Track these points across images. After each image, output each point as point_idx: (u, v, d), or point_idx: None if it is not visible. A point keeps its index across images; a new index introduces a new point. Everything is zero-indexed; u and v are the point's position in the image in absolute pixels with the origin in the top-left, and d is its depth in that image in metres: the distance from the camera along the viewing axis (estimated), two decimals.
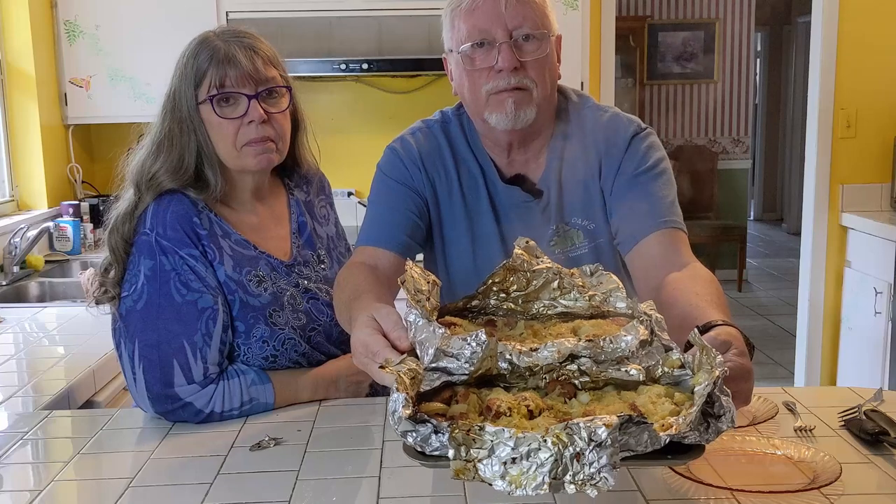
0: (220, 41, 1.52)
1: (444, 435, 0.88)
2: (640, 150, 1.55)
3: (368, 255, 1.52)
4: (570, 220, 1.57)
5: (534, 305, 1.20)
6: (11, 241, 3.02)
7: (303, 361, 1.58)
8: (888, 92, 3.76)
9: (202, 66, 1.50)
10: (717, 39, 7.33)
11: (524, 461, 0.85)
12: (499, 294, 1.21)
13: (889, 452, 1.28)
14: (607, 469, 0.86)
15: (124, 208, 1.52)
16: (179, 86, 1.52)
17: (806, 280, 3.96)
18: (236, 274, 1.52)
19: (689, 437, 0.90)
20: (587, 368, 1.02)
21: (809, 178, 3.90)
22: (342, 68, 3.51)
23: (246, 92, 1.50)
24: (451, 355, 0.98)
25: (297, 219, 1.67)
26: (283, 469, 1.28)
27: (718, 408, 0.92)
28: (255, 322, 1.52)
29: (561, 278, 1.19)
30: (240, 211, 1.59)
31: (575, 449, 0.85)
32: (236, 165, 1.55)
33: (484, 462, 0.86)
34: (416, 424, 0.90)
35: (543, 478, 0.85)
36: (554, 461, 0.85)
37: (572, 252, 1.57)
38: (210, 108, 1.50)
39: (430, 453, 0.90)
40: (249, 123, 1.51)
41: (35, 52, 3.36)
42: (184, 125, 1.51)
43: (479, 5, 1.46)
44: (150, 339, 1.46)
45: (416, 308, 1.02)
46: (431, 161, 1.59)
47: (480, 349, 0.97)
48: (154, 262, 1.47)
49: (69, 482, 1.29)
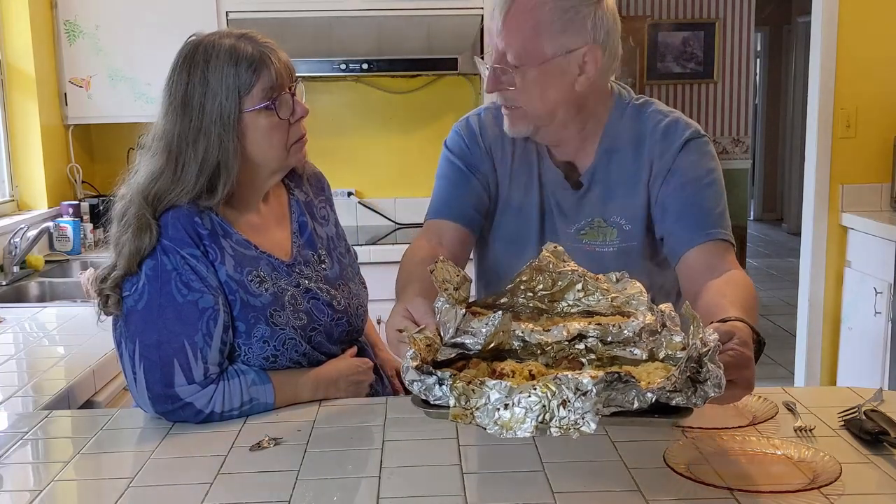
0: (249, 46, 1.49)
1: (446, 385, 0.97)
2: (693, 157, 1.57)
3: (433, 229, 1.62)
4: (610, 217, 1.60)
5: (559, 305, 1.25)
6: (11, 241, 3.02)
7: (303, 361, 1.58)
8: (888, 92, 3.75)
9: (246, 77, 1.47)
10: (717, 39, 7.33)
11: (516, 407, 0.95)
12: (526, 293, 1.26)
13: (889, 452, 1.28)
14: (590, 416, 0.94)
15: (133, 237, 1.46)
16: (212, 97, 1.47)
17: (806, 280, 3.96)
18: (237, 274, 1.52)
19: (674, 398, 0.96)
20: (593, 346, 1.10)
21: (809, 178, 3.90)
22: (342, 68, 3.51)
23: (290, 91, 1.53)
24: (468, 332, 1.06)
25: (298, 219, 1.67)
26: (283, 469, 1.28)
27: (706, 373, 0.97)
28: (255, 322, 1.52)
29: (585, 281, 1.25)
30: (241, 211, 1.59)
31: (562, 397, 0.94)
32: (282, 165, 1.57)
33: (480, 409, 0.96)
34: (422, 374, 0.99)
35: (531, 422, 0.94)
36: (542, 407, 0.94)
37: (600, 247, 1.60)
38: (265, 115, 1.50)
39: (434, 402, 0.99)
40: (297, 121, 1.54)
41: (35, 52, 3.36)
42: (221, 137, 1.47)
43: (490, 18, 1.54)
44: (151, 338, 1.46)
45: (444, 295, 1.11)
46: (492, 137, 1.66)
47: (494, 325, 1.05)
48: (155, 261, 1.47)
49: (69, 482, 1.29)
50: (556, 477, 1.22)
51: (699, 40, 7.33)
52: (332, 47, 3.59)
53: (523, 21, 1.48)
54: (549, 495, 1.17)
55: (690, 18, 7.34)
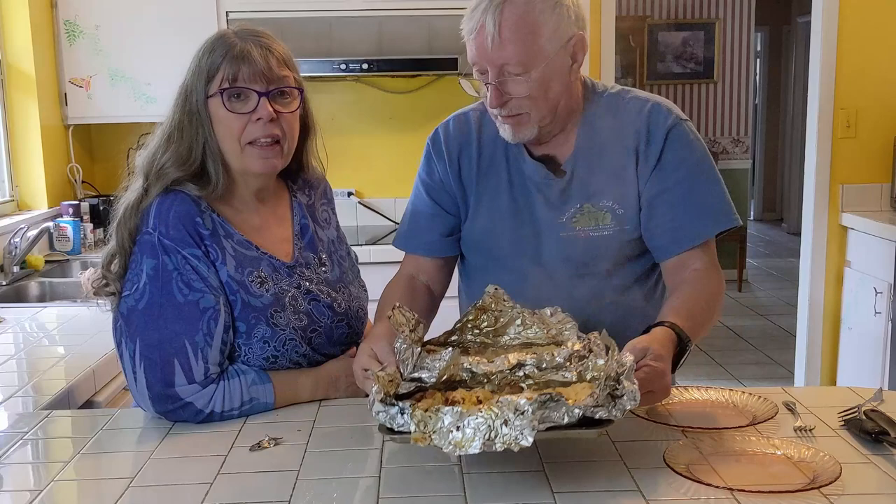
0: (236, 38, 1.52)
1: (407, 414, 1.14)
2: (677, 147, 1.59)
3: (410, 264, 1.75)
4: (599, 202, 1.60)
5: (502, 339, 1.44)
6: (11, 241, 3.02)
7: (303, 362, 1.58)
8: (888, 92, 3.76)
9: (216, 61, 1.50)
10: (717, 39, 7.33)
11: (466, 429, 1.11)
12: (472, 330, 1.45)
13: (889, 452, 1.28)
14: (528, 431, 1.09)
15: (133, 199, 1.52)
16: (191, 80, 1.52)
17: (806, 280, 3.96)
18: (238, 274, 1.52)
19: (598, 412, 1.14)
20: (531, 373, 1.29)
21: (809, 178, 3.90)
22: (342, 68, 3.51)
23: (257, 89, 1.50)
24: (424, 368, 1.25)
25: (300, 221, 1.67)
26: (283, 469, 1.28)
27: (622, 389, 1.16)
28: (256, 322, 1.52)
29: (524, 317, 1.44)
30: (242, 211, 1.59)
31: (504, 417, 1.10)
32: (239, 165, 1.55)
33: (436, 432, 1.12)
34: (385, 406, 1.17)
35: (479, 440, 1.10)
36: (487, 427, 1.10)
37: (594, 232, 1.61)
38: (220, 102, 1.50)
39: (398, 429, 1.16)
40: (257, 121, 1.50)
41: (35, 52, 3.36)
42: (193, 118, 1.52)
43: (473, 38, 1.52)
44: (152, 338, 1.46)
45: (401, 337, 1.30)
46: (457, 144, 1.70)
47: (446, 360, 1.23)
48: (156, 261, 1.47)
49: (69, 482, 1.29)
50: (556, 477, 1.22)
51: (699, 40, 7.33)
52: (332, 47, 3.59)
53: (519, 29, 1.48)
54: (549, 495, 1.17)
55: (690, 18, 7.34)
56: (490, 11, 1.48)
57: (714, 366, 5.04)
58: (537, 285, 1.63)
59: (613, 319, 1.59)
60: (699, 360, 5.10)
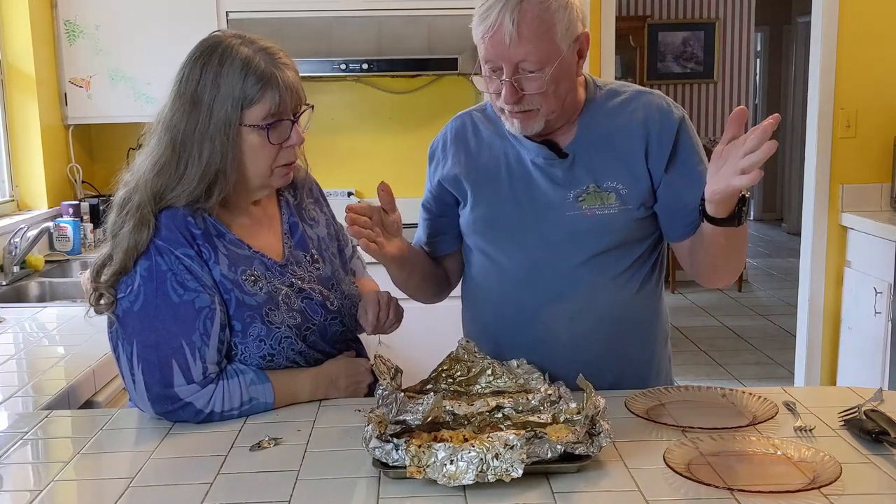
0: (263, 63, 1.48)
1: (402, 450, 1.22)
2: (686, 142, 1.66)
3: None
4: (604, 182, 1.64)
5: (474, 387, 1.54)
6: (11, 241, 3.02)
7: (300, 360, 1.58)
8: (888, 92, 3.75)
9: (251, 92, 1.47)
10: (717, 39, 7.33)
11: (460, 462, 1.19)
12: (447, 379, 1.56)
13: (889, 452, 1.28)
14: (518, 463, 1.18)
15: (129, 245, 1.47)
16: (220, 102, 1.47)
17: (806, 280, 3.96)
18: (232, 273, 1.52)
19: (577, 448, 1.23)
20: (510, 414, 1.39)
21: (809, 178, 3.89)
22: (342, 68, 3.51)
23: (290, 117, 1.52)
24: (408, 411, 1.32)
25: (288, 220, 1.67)
26: (283, 469, 1.28)
27: (599, 428, 1.26)
28: (251, 321, 1.52)
29: (494, 367, 1.55)
30: (233, 211, 1.59)
31: (495, 451, 1.19)
32: (263, 184, 1.57)
33: (430, 466, 1.20)
34: (381, 443, 1.24)
35: (472, 472, 1.18)
36: (480, 460, 1.18)
37: (600, 210, 1.64)
38: (258, 134, 1.50)
39: (393, 464, 1.22)
40: (288, 147, 1.53)
41: (35, 52, 3.36)
42: (214, 138, 1.48)
43: (490, 36, 1.54)
44: (149, 339, 1.46)
45: (384, 383, 1.39)
46: (457, 141, 1.75)
47: (430, 404, 1.31)
48: (150, 262, 1.47)
49: (69, 482, 1.30)
50: (556, 477, 1.22)
51: (699, 40, 7.33)
52: (332, 47, 3.59)
53: (536, 27, 1.51)
54: (549, 495, 1.17)
55: (690, 18, 7.34)
56: (507, 10, 1.51)
57: (714, 366, 5.04)
58: (539, 268, 1.66)
59: (611, 299, 1.65)
60: (699, 360, 5.10)
